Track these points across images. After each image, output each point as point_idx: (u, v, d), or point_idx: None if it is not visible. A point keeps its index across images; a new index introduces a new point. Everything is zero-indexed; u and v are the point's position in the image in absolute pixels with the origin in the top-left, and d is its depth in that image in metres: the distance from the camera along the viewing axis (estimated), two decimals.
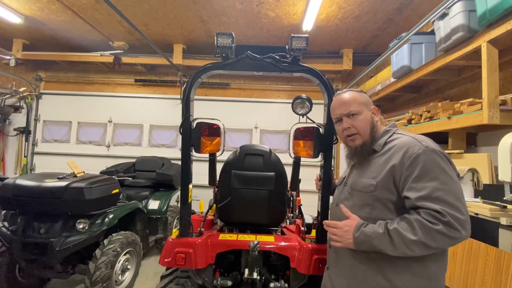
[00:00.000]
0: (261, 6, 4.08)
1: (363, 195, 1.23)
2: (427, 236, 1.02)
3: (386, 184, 1.17)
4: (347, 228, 1.17)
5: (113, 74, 6.14)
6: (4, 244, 2.69)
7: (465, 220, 1.03)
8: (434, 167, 1.09)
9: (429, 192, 1.06)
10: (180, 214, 1.82)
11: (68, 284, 3.30)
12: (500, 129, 2.80)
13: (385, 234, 1.09)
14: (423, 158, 1.10)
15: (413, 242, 1.04)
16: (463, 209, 1.04)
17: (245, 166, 1.99)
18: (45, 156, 6.06)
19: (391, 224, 1.10)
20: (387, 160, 1.20)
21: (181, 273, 1.99)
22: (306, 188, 4.75)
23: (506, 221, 2.07)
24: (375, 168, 1.23)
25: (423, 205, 1.05)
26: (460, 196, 1.07)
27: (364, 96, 1.37)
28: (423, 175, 1.09)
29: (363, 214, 1.21)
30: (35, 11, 4.48)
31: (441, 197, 1.04)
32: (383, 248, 1.09)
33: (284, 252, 1.77)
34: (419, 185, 1.08)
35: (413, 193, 1.09)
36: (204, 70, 1.80)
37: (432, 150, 1.12)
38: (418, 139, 1.18)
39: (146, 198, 4.18)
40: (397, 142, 1.22)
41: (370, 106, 1.35)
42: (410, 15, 4.12)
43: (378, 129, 1.34)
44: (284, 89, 6.05)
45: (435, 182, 1.07)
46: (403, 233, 1.05)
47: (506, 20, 2.21)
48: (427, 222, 1.02)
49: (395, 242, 1.06)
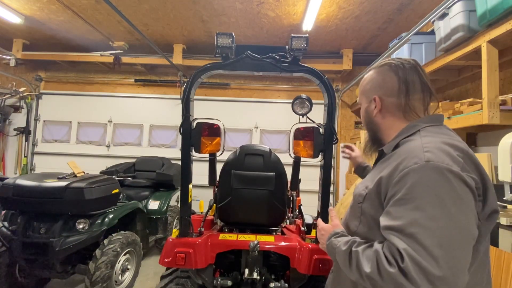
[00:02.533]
0: (261, 6, 4.08)
1: (354, 204, 1.05)
2: (380, 275, 0.79)
3: (372, 198, 0.94)
4: (323, 233, 1.13)
5: (113, 74, 6.13)
6: (4, 244, 2.69)
7: (439, 277, 0.71)
8: (426, 192, 0.78)
9: (404, 224, 0.78)
10: (180, 214, 1.82)
11: (68, 284, 3.30)
12: (500, 129, 2.80)
13: (346, 253, 0.92)
14: (415, 177, 0.81)
15: (365, 274, 0.83)
16: (443, 262, 0.72)
17: (245, 166, 1.99)
18: (45, 156, 6.06)
19: (357, 246, 0.91)
20: (383, 168, 0.95)
21: (181, 273, 1.99)
22: (306, 188, 4.76)
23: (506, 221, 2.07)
24: (373, 174, 1.02)
25: (390, 238, 0.81)
26: (450, 242, 0.75)
27: (368, 81, 1.14)
28: (406, 199, 0.81)
29: (352, 227, 1.05)
30: (35, 11, 4.48)
31: (415, 235, 0.76)
32: (342, 266, 0.95)
33: (284, 252, 1.78)
34: (396, 212, 0.82)
35: (386, 220, 0.84)
36: (204, 70, 1.80)
37: (434, 167, 0.80)
38: (424, 147, 0.86)
39: (146, 198, 4.18)
40: (405, 147, 0.95)
41: (371, 95, 1.10)
42: (410, 15, 4.12)
43: (382, 125, 1.10)
44: (284, 89, 6.05)
45: (417, 213, 0.78)
46: (361, 261, 0.86)
47: (506, 20, 2.21)
48: (384, 258, 0.79)
49: (352, 265, 0.89)
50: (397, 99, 1.04)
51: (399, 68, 1.05)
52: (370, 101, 1.11)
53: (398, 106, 1.04)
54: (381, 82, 1.08)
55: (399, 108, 1.04)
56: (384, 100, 1.07)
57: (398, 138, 1.02)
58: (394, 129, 1.06)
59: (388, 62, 1.09)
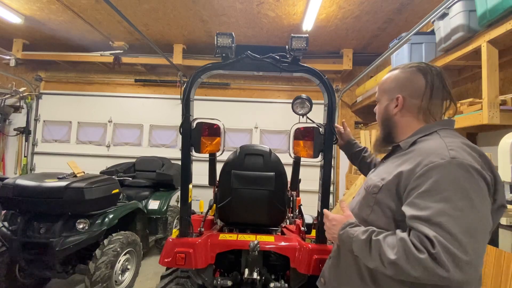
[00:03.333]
0: (261, 6, 4.08)
1: (367, 195, 1.11)
2: (407, 261, 0.84)
3: (390, 189, 1.00)
4: (335, 223, 1.13)
5: (113, 74, 6.13)
6: (4, 244, 2.69)
7: (466, 261, 0.80)
8: (452, 185, 0.85)
9: (431, 214, 0.84)
10: (180, 214, 1.82)
11: (68, 284, 3.30)
12: (500, 129, 2.80)
13: (366, 242, 0.96)
14: (442, 171, 0.87)
15: (390, 262, 0.87)
16: (470, 248, 0.81)
17: (245, 166, 1.99)
18: (45, 156, 6.06)
19: (377, 235, 0.95)
20: (402, 162, 1.02)
21: (181, 273, 1.99)
22: (306, 188, 4.76)
23: (506, 221, 2.07)
24: (389, 168, 1.07)
25: (417, 226, 0.86)
26: (475, 231, 0.83)
27: (392, 80, 1.17)
28: (433, 191, 0.87)
29: (362, 215, 1.11)
30: (35, 11, 4.48)
31: (443, 224, 0.82)
32: (360, 255, 0.99)
33: (284, 252, 1.77)
34: (422, 203, 0.87)
35: (412, 210, 0.89)
36: (204, 70, 1.80)
37: (459, 163, 0.87)
38: (448, 145, 0.93)
39: (146, 198, 4.18)
40: (425, 145, 1.01)
41: (393, 94, 1.14)
42: (410, 15, 4.12)
43: (400, 123, 1.15)
44: (284, 89, 6.05)
45: (445, 204, 0.84)
46: (383, 249, 0.90)
47: (506, 20, 2.21)
48: (412, 246, 0.84)
49: (373, 254, 0.93)
50: (420, 101, 1.10)
51: (428, 72, 1.10)
52: (392, 100, 1.15)
53: (419, 108, 1.10)
54: (407, 82, 1.12)
55: (419, 110, 1.10)
56: (407, 100, 1.12)
57: (415, 136, 1.08)
58: (410, 128, 1.12)
59: (417, 65, 1.13)
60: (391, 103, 1.16)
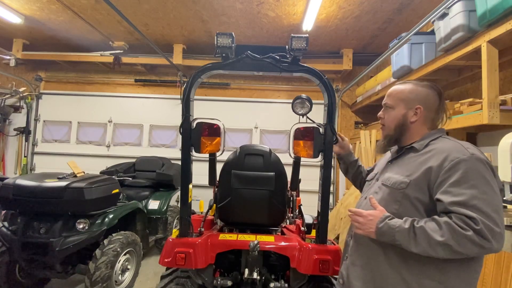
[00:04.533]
0: (261, 6, 4.08)
1: (393, 191, 1.23)
2: (455, 240, 1.00)
3: (419, 184, 1.16)
4: (371, 218, 1.18)
5: (113, 74, 6.13)
6: (4, 244, 2.69)
7: (500, 233, 1.00)
8: (477, 175, 1.06)
9: (466, 199, 1.03)
10: (180, 214, 1.82)
11: (68, 284, 3.30)
12: (500, 129, 2.80)
13: (410, 229, 1.07)
14: (467, 165, 1.08)
15: (438, 243, 1.02)
16: (500, 222, 1.01)
17: (245, 166, 1.99)
18: (45, 156, 6.06)
19: (418, 222, 1.08)
20: (426, 160, 1.18)
21: (181, 273, 1.99)
22: (306, 188, 4.76)
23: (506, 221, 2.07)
24: (411, 166, 1.22)
25: (457, 210, 1.03)
26: (499, 209, 1.04)
27: (411, 92, 1.33)
28: (462, 181, 1.06)
29: (390, 210, 1.20)
30: (35, 11, 4.48)
31: (477, 205, 1.02)
32: (405, 243, 1.09)
33: (284, 252, 1.77)
34: (456, 190, 1.06)
35: (448, 197, 1.06)
36: (204, 70, 1.80)
37: (477, 158, 1.09)
38: (464, 146, 1.15)
39: (146, 198, 4.18)
40: (441, 145, 1.20)
41: (413, 104, 1.31)
42: (410, 15, 4.12)
43: (412, 129, 1.32)
44: (284, 89, 6.05)
45: (474, 190, 1.04)
46: (430, 233, 1.04)
47: (506, 20, 2.21)
48: (457, 226, 1.01)
49: (419, 239, 1.05)
50: (433, 114, 1.32)
51: (440, 92, 1.33)
52: (411, 109, 1.32)
53: (430, 119, 1.32)
54: (426, 96, 1.32)
55: (429, 120, 1.32)
56: (424, 112, 1.31)
57: (427, 139, 1.28)
58: (418, 134, 1.32)
59: (430, 84, 1.35)
60: (409, 111, 1.32)
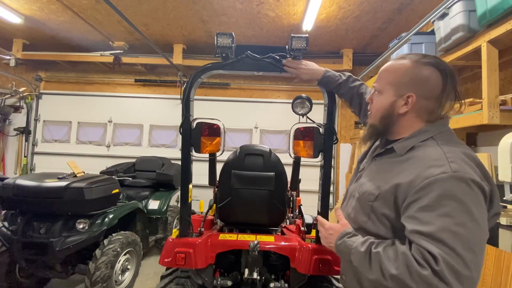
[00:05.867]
0: (261, 6, 4.08)
1: (363, 201, 1.06)
2: (409, 276, 0.83)
3: (387, 199, 0.97)
4: (332, 232, 1.11)
5: (113, 74, 6.13)
6: (4, 244, 2.69)
7: (468, 277, 0.79)
8: (454, 200, 0.83)
9: (434, 230, 0.83)
10: (180, 214, 1.81)
11: (68, 284, 3.30)
12: (500, 129, 2.80)
13: (366, 254, 0.93)
14: (443, 186, 0.85)
15: (391, 276, 0.86)
16: (472, 263, 0.80)
17: (245, 166, 1.99)
18: (45, 156, 6.06)
19: (377, 247, 0.93)
20: (399, 172, 0.97)
21: (181, 273, 1.99)
22: (306, 188, 4.76)
23: (506, 221, 2.07)
24: (386, 175, 1.02)
25: (418, 241, 0.84)
26: (476, 246, 0.82)
27: (404, 73, 1.02)
28: (434, 206, 0.85)
29: (359, 222, 1.07)
30: (35, 11, 4.48)
31: (445, 240, 0.81)
32: (359, 267, 0.96)
33: (284, 252, 1.77)
34: (424, 218, 0.85)
35: (413, 225, 0.87)
36: (204, 70, 1.80)
37: (460, 178, 0.85)
38: (448, 157, 0.89)
39: (146, 198, 4.18)
40: (421, 154, 0.96)
41: (404, 91, 1.01)
42: (410, 15, 4.12)
43: (401, 122, 1.05)
44: (284, 89, 6.05)
45: (447, 220, 0.82)
46: (384, 262, 0.88)
47: (506, 20, 2.21)
48: (414, 261, 0.83)
49: (373, 266, 0.91)
50: (429, 103, 1.00)
51: (447, 73, 0.99)
52: (401, 96, 1.02)
53: (428, 110, 1.01)
54: (423, 81, 0.99)
55: (428, 111, 1.02)
56: (418, 101, 1.00)
57: (412, 140, 1.01)
58: (408, 129, 1.04)
59: (436, 61, 1.00)
60: (399, 99, 1.03)
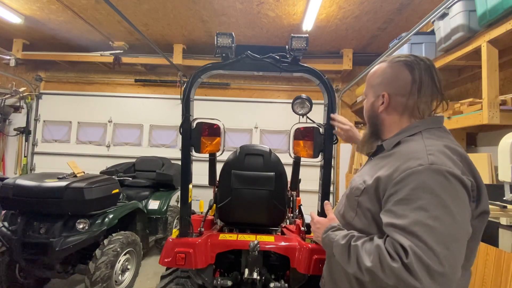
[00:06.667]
0: (261, 6, 4.08)
1: (351, 197, 1.08)
2: (381, 269, 0.82)
3: (370, 193, 0.98)
4: (319, 226, 1.15)
5: (113, 74, 6.13)
6: (4, 244, 2.69)
7: (441, 272, 0.77)
8: (429, 193, 0.82)
9: (407, 223, 0.82)
10: (180, 214, 1.82)
11: (68, 284, 3.30)
12: (500, 129, 2.80)
13: (345, 247, 0.95)
14: (419, 178, 0.84)
15: (366, 268, 0.86)
16: (445, 259, 0.77)
17: (245, 166, 1.99)
18: (45, 156, 6.06)
19: (356, 240, 0.94)
20: (382, 166, 0.99)
21: (181, 273, 1.99)
22: (306, 188, 4.76)
23: (506, 221, 2.07)
24: (372, 170, 1.04)
25: (392, 234, 0.85)
26: (451, 241, 0.79)
27: (379, 75, 1.09)
28: (409, 200, 0.84)
29: (347, 218, 1.09)
30: (35, 11, 4.48)
31: (417, 234, 0.80)
32: (339, 259, 0.97)
33: (284, 252, 1.77)
34: (399, 211, 0.85)
35: (388, 218, 0.87)
36: (204, 70, 1.80)
37: (437, 169, 0.83)
38: (427, 149, 0.89)
39: (146, 198, 4.18)
40: (404, 147, 0.98)
41: (379, 90, 1.08)
42: (410, 15, 4.12)
43: (386, 121, 1.09)
44: (284, 89, 6.05)
45: (421, 213, 0.81)
46: (361, 255, 0.89)
47: (506, 20, 2.21)
48: (386, 253, 0.83)
49: (351, 259, 0.92)
50: (407, 99, 1.03)
51: (415, 67, 1.02)
52: (378, 96, 1.09)
53: (405, 106, 1.04)
54: (393, 78, 1.05)
55: (406, 108, 1.04)
56: (392, 98, 1.05)
57: (399, 136, 1.03)
58: (396, 127, 1.07)
59: (404, 59, 1.05)
60: (377, 100, 1.09)
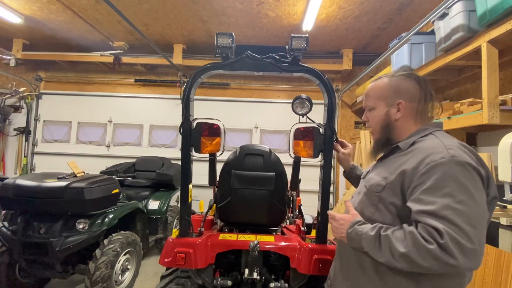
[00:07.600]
0: (261, 6, 4.08)
1: (370, 193, 1.16)
2: (416, 252, 0.90)
3: (394, 187, 1.07)
4: (343, 222, 1.16)
5: (113, 74, 6.13)
6: (4, 244, 2.70)
7: (473, 249, 0.87)
8: (454, 181, 0.93)
9: (437, 208, 0.91)
10: (180, 214, 1.82)
11: (68, 284, 3.30)
12: (500, 129, 2.80)
13: (375, 237, 1.01)
14: (443, 169, 0.95)
15: (400, 254, 0.93)
16: (474, 237, 0.88)
17: (245, 166, 1.99)
18: (45, 156, 6.06)
19: (385, 230, 1.01)
20: (403, 162, 1.08)
21: (181, 273, 1.99)
22: (306, 188, 4.76)
23: (506, 221, 2.08)
24: (392, 167, 1.13)
25: (424, 220, 0.92)
26: (476, 222, 0.90)
27: (387, 87, 1.22)
28: (436, 188, 0.94)
29: (367, 213, 1.15)
30: (35, 11, 4.48)
31: (448, 217, 0.89)
32: (370, 251, 1.03)
33: (284, 252, 1.77)
34: (428, 199, 0.94)
35: (418, 205, 0.96)
36: (204, 70, 1.80)
37: (458, 161, 0.95)
38: (446, 145, 1.01)
39: (146, 198, 4.18)
40: (422, 145, 1.08)
41: (392, 100, 1.19)
42: (410, 15, 4.12)
43: (399, 127, 1.20)
44: (284, 89, 6.05)
45: (448, 199, 0.91)
46: (394, 242, 0.95)
47: (506, 20, 2.21)
48: (421, 237, 0.91)
49: (383, 248, 0.98)
50: (417, 104, 1.18)
51: (416, 77, 1.20)
52: (392, 105, 1.20)
53: (416, 111, 1.18)
54: (404, 88, 1.19)
55: (416, 112, 1.19)
56: (408, 105, 1.18)
57: (414, 137, 1.15)
58: (407, 130, 1.20)
59: (404, 73, 1.22)
60: (391, 109, 1.21)
